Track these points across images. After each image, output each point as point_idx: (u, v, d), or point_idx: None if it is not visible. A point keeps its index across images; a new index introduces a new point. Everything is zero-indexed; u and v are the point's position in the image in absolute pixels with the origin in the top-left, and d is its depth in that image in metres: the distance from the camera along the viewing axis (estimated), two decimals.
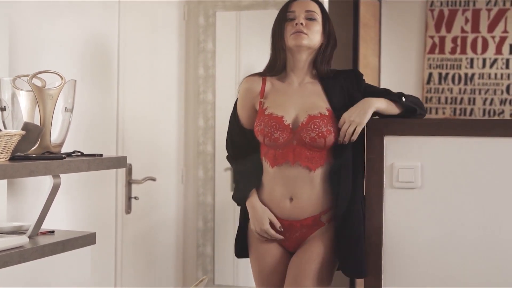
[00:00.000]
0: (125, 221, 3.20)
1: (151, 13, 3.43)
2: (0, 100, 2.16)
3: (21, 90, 2.17)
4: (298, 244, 2.43)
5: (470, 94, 4.69)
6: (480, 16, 4.66)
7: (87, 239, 2.23)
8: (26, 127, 2.00)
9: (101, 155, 2.23)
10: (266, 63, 2.51)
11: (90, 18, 2.90)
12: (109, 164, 2.23)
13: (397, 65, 4.85)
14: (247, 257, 2.55)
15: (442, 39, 4.73)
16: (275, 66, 2.47)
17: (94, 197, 2.96)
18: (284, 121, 2.38)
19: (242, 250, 2.55)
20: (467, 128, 2.34)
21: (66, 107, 2.22)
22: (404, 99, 2.40)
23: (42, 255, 2.01)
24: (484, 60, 4.66)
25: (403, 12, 4.82)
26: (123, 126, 3.16)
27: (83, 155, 2.22)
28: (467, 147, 2.34)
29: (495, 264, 2.31)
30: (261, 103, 2.45)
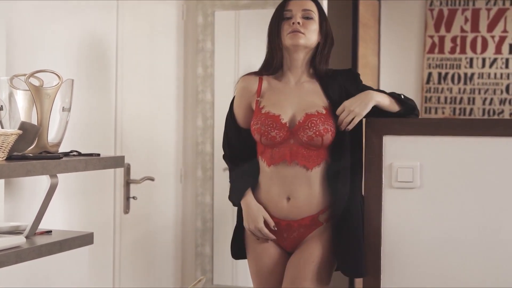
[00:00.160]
0: (124, 221, 3.19)
1: (149, 12, 3.42)
2: None
3: (19, 89, 2.16)
4: (296, 244, 2.42)
5: (469, 94, 4.68)
6: (479, 16, 4.65)
7: (85, 239, 2.23)
8: (23, 126, 2.00)
9: (98, 154, 2.23)
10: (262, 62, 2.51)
11: (88, 18, 2.89)
12: (107, 164, 2.23)
13: (396, 64, 4.84)
14: (245, 258, 2.54)
15: (442, 39, 4.72)
16: (272, 65, 2.46)
17: (92, 197, 2.95)
18: (281, 120, 2.37)
19: (240, 250, 2.54)
20: (466, 127, 2.34)
21: (63, 107, 2.21)
22: (402, 97, 2.41)
23: (39, 255, 2.01)
24: (484, 60, 4.65)
25: (403, 12, 4.82)
26: (121, 125, 3.15)
27: (80, 154, 2.22)
28: (466, 146, 2.33)
29: (495, 264, 2.31)
30: (257, 102, 2.44)
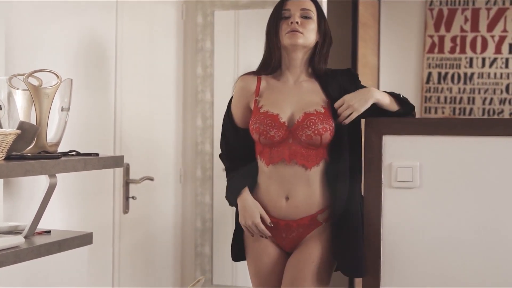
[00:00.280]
0: (123, 221, 3.19)
1: (149, 12, 3.41)
2: None
3: (17, 89, 2.16)
4: (295, 244, 2.42)
5: (469, 94, 4.67)
6: (479, 15, 4.64)
7: (84, 239, 2.22)
8: (22, 126, 1.99)
9: (97, 154, 2.22)
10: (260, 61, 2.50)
11: (87, 17, 2.88)
12: (106, 164, 2.22)
13: (396, 64, 4.83)
14: (244, 259, 2.53)
15: (442, 39, 4.71)
16: (270, 65, 2.46)
17: (91, 197, 2.95)
18: (279, 119, 2.36)
19: (240, 251, 2.53)
20: (466, 127, 2.33)
21: (62, 106, 2.21)
22: (401, 96, 2.42)
23: (38, 255, 2.00)
24: (484, 60, 4.65)
25: (402, 12, 4.81)
26: (120, 125, 3.14)
27: (79, 154, 2.21)
28: (466, 146, 2.33)
29: (494, 263, 2.30)
30: (256, 101, 2.44)
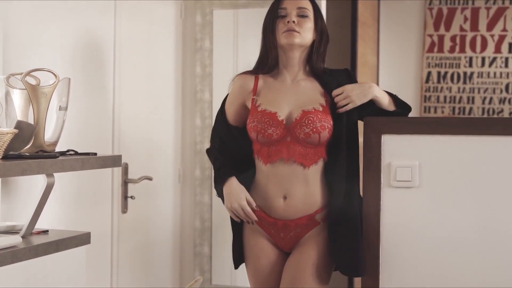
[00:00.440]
0: (121, 221, 3.18)
1: (147, 11, 3.41)
2: None
3: (15, 88, 2.16)
4: (293, 244, 2.41)
5: (469, 93, 4.67)
6: (479, 15, 4.63)
7: (82, 239, 2.22)
8: (19, 125, 1.99)
9: (95, 154, 2.22)
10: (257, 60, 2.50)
11: (86, 17, 2.87)
12: (104, 163, 2.22)
13: (395, 64, 4.82)
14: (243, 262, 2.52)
15: (441, 38, 4.70)
16: (267, 64, 2.45)
17: (90, 196, 2.94)
18: (277, 117, 2.36)
19: (240, 256, 2.50)
20: (465, 126, 2.33)
21: (60, 106, 2.20)
22: (398, 97, 2.43)
23: (35, 255, 2.00)
24: (483, 59, 4.64)
25: (402, 11, 4.80)
26: (119, 125, 3.14)
27: (77, 154, 2.20)
28: (465, 145, 2.32)
29: (494, 263, 2.29)
30: (253, 100, 2.44)
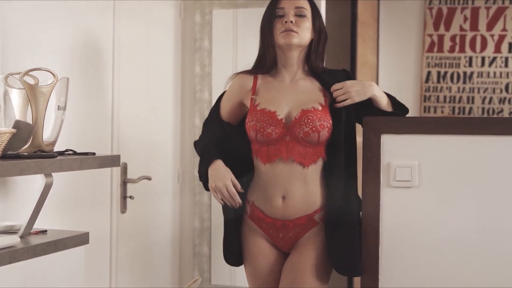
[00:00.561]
0: (120, 221, 3.18)
1: (146, 11, 3.40)
2: None
3: (13, 88, 2.15)
4: (292, 244, 2.41)
5: (469, 93, 4.66)
6: (479, 14, 4.62)
7: (80, 239, 2.21)
8: (17, 125, 1.98)
9: (94, 153, 2.21)
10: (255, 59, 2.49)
11: (85, 17, 2.87)
12: (102, 163, 2.21)
13: (395, 63, 4.82)
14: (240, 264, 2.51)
15: (441, 38, 4.70)
16: (265, 63, 2.45)
17: (88, 196, 2.93)
18: (277, 116, 2.35)
19: (239, 256, 2.47)
20: (465, 126, 2.32)
21: (58, 105, 2.20)
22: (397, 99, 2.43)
23: (33, 255, 1.99)
24: (483, 59, 4.63)
25: (402, 11, 4.79)
26: (118, 124, 3.13)
27: (75, 153, 2.20)
28: (465, 145, 2.32)
29: (494, 263, 2.29)
30: (252, 99, 2.43)
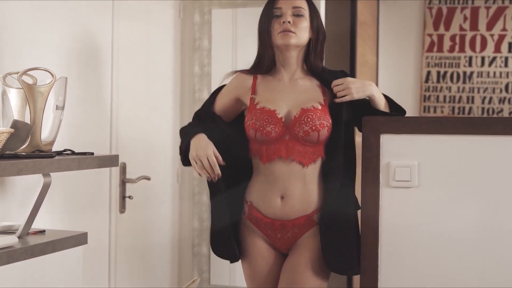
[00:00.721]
0: (119, 221, 3.17)
1: (146, 11, 3.40)
2: None
3: (11, 87, 2.15)
4: (291, 244, 2.40)
5: (468, 93, 4.65)
6: (478, 14, 4.62)
7: (79, 239, 2.21)
8: (15, 125, 1.98)
9: (92, 153, 2.21)
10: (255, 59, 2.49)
11: (83, 16, 2.86)
12: (101, 163, 2.21)
13: (395, 63, 4.81)
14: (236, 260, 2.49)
15: (441, 37, 4.69)
16: (264, 64, 2.45)
17: (87, 196, 2.93)
18: (277, 115, 2.35)
19: (234, 252, 2.44)
20: (465, 126, 2.31)
21: (57, 105, 2.20)
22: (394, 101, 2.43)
23: (31, 255, 1.99)
24: (483, 58, 4.63)
25: (401, 10, 4.79)
26: (117, 124, 3.12)
27: (74, 153, 2.19)
28: (465, 145, 2.31)
29: (494, 263, 2.28)
30: (252, 99, 2.43)
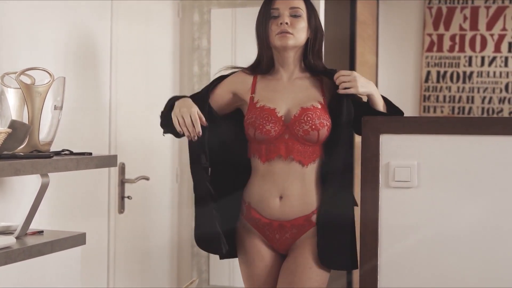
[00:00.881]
0: (118, 221, 3.16)
1: (145, 10, 3.39)
2: None
3: (9, 87, 2.14)
4: (289, 245, 2.40)
5: (468, 93, 4.65)
6: (478, 14, 4.62)
7: (77, 240, 2.20)
8: (13, 125, 1.97)
9: (90, 153, 2.20)
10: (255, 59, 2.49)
11: (82, 16, 2.86)
12: (99, 163, 2.20)
13: (395, 63, 4.81)
14: (230, 257, 2.50)
15: (441, 37, 4.69)
16: (263, 64, 2.45)
17: (86, 196, 2.92)
18: (276, 113, 2.35)
19: (230, 250, 2.46)
20: (465, 126, 2.31)
21: (55, 105, 2.19)
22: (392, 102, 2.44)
23: (29, 256, 1.98)
24: (483, 58, 4.62)
25: (401, 10, 4.78)
26: (116, 124, 3.12)
27: (72, 153, 2.19)
28: (464, 145, 2.30)
29: (493, 263, 2.28)
30: (251, 98, 2.43)
